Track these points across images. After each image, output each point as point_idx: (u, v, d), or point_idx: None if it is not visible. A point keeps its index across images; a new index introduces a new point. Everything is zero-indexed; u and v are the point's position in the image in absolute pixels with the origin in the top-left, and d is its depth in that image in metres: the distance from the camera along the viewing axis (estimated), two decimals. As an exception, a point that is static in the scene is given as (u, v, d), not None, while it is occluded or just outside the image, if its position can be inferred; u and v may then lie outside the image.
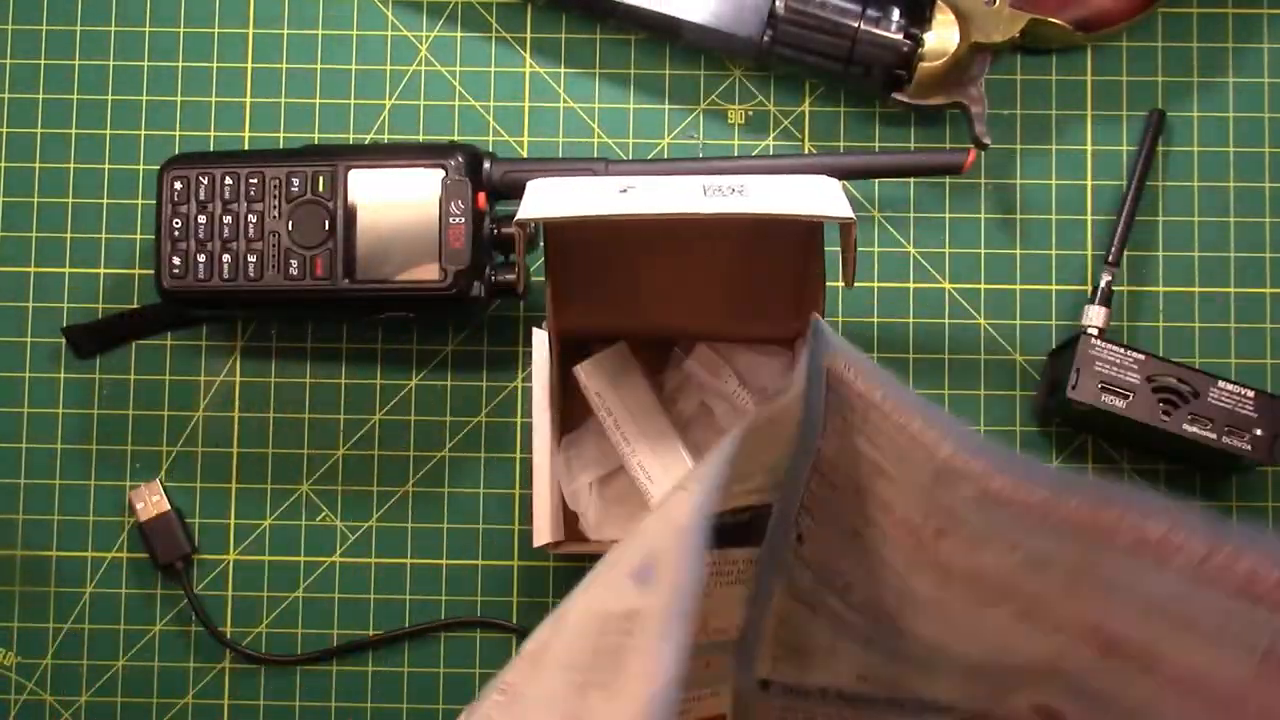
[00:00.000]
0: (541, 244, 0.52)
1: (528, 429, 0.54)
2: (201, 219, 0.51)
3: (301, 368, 0.55)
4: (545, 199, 0.42)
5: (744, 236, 0.47)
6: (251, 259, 0.50)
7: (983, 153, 0.54)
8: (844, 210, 0.40)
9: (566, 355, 0.51)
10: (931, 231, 0.55)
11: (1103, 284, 0.53)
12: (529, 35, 0.56)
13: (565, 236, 0.46)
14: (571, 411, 0.53)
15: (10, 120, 0.56)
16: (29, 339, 0.55)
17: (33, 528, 0.55)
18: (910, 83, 0.52)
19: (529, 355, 0.55)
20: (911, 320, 0.55)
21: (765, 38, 0.53)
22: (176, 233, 0.51)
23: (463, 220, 0.50)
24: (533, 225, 0.43)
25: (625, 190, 0.42)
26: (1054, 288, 0.55)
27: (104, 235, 0.56)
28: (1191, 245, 0.55)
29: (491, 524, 0.54)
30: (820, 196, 0.41)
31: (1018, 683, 0.37)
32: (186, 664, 0.54)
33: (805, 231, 0.45)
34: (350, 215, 0.50)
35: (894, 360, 0.55)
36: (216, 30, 0.56)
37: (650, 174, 0.51)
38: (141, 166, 0.56)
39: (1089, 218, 0.55)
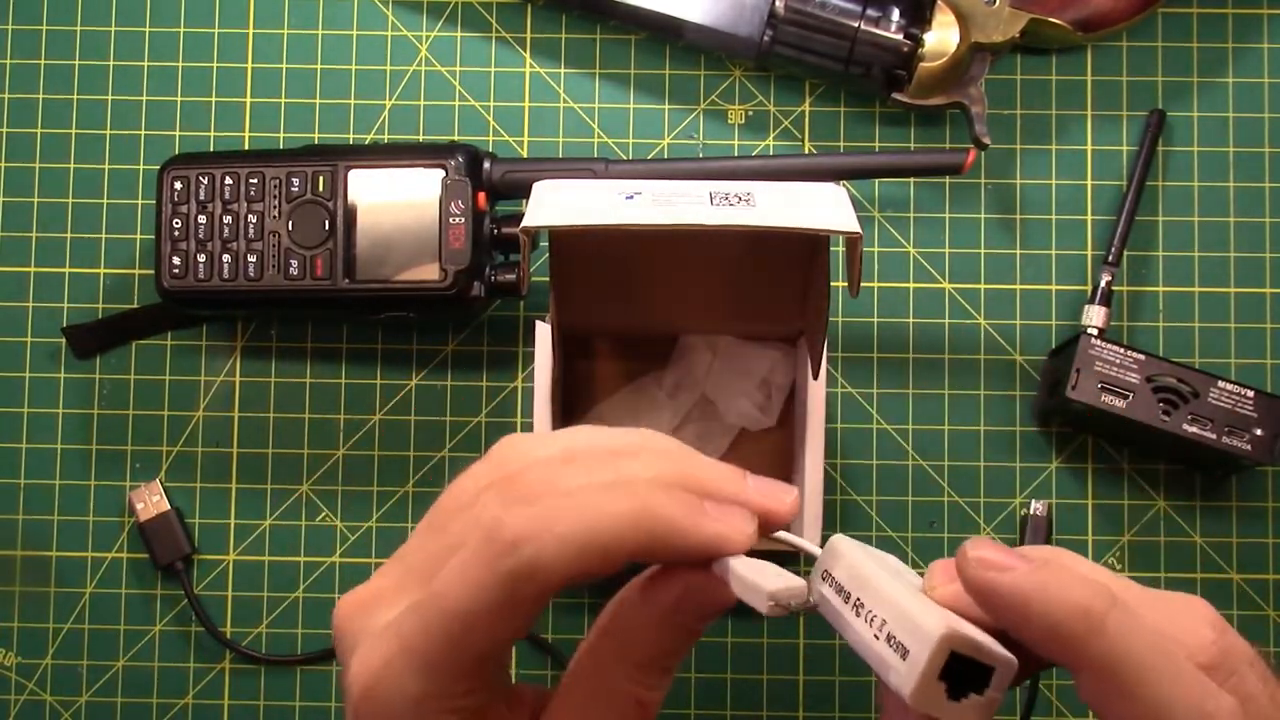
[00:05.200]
0: (544, 243, 0.52)
1: (528, 429, 0.54)
2: (201, 219, 0.51)
3: (301, 368, 0.55)
4: (551, 206, 0.42)
5: (749, 238, 0.47)
6: (251, 259, 0.50)
7: (983, 153, 0.54)
8: (851, 224, 0.40)
9: (568, 350, 0.51)
10: (931, 231, 0.55)
11: (1103, 284, 0.53)
12: (529, 35, 0.56)
13: (569, 237, 0.46)
14: (572, 406, 0.53)
15: (10, 120, 0.56)
16: (29, 339, 0.55)
17: (33, 528, 0.55)
18: (910, 83, 0.52)
19: (529, 355, 0.55)
20: (911, 320, 0.55)
21: (765, 38, 0.53)
22: (176, 233, 0.51)
23: (463, 220, 0.50)
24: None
25: (632, 196, 0.42)
26: (1054, 288, 0.55)
27: (104, 235, 0.56)
28: (1191, 245, 0.55)
29: (491, 524, 0.54)
30: (828, 208, 0.41)
31: None
32: (186, 664, 0.54)
33: (811, 236, 0.45)
34: (350, 215, 0.50)
35: (894, 360, 0.55)
36: (216, 30, 0.56)
37: (650, 174, 0.51)
38: (141, 166, 0.56)
39: (1089, 218, 0.55)
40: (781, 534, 0.33)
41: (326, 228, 0.50)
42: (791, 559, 0.54)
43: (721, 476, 0.31)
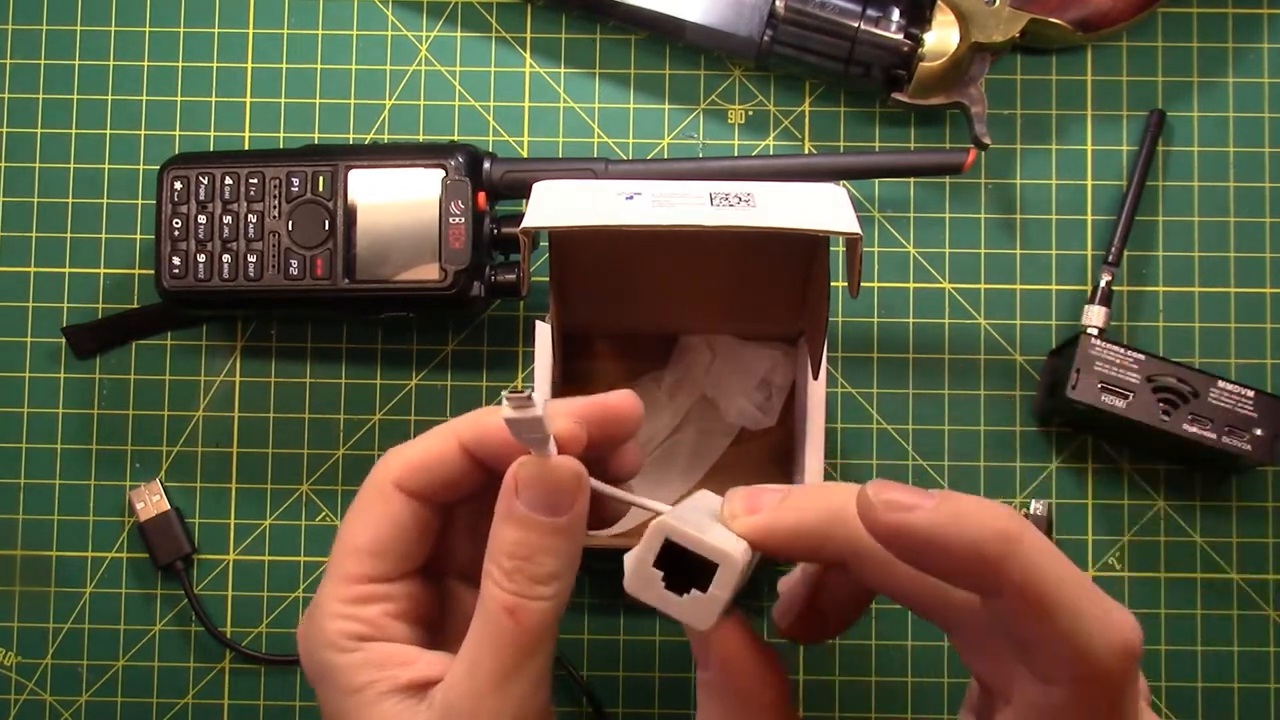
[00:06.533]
0: (544, 243, 0.52)
1: (528, 429, 0.54)
2: (201, 219, 0.51)
3: (301, 368, 0.55)
4: (551, 206, 0.42)
5: (749, 239, 0.47)
6: (251, 259, 0.50)
7: (983, 153, 0.54)
8: (851, 225, 0.40)
9: (568, 350, 0.52)
10: (931, 231, 0.55)
11: (1103, 284, 0.53)
12: (529, 35, 0.56)
13: (569, 237, 0.46)
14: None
15: (10, 120, 0.56)
16: (29, 339, 0.55)
17: (33, 528, 0.55)
18: (910, 83, 0.52)
19: (529, 355, 0.55)
20: (911, 320, 0.55)
21: (765, 38, 0.53)
22: (176, 233, 0.51)
23: (463, 220, 0.50)
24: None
25: (632, 197, 0.42)
26: (1054, 288, 0.55)
27: (104, 235, 0.56)
28: (1191, 245, 0.55)
29: (491, 524, 0.54)
30: (828, 209, 0.41)
31: None
32: (186, 664, 0.54)
33: (811, 237, 0.45)
34: (350, 215, 0.50)
35: (894, 360, 0.55)
36: (216, 30, 0.56)
37: (650, 174, 0.51)
38: (141, 166, 0.56)
39: (1089, 218, 0.55)
40: (644, 501, 0.35)
41: (326, 228, 0.50)
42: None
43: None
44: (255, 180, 0.51)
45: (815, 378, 0.46)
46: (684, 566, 0.30)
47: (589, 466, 0.34)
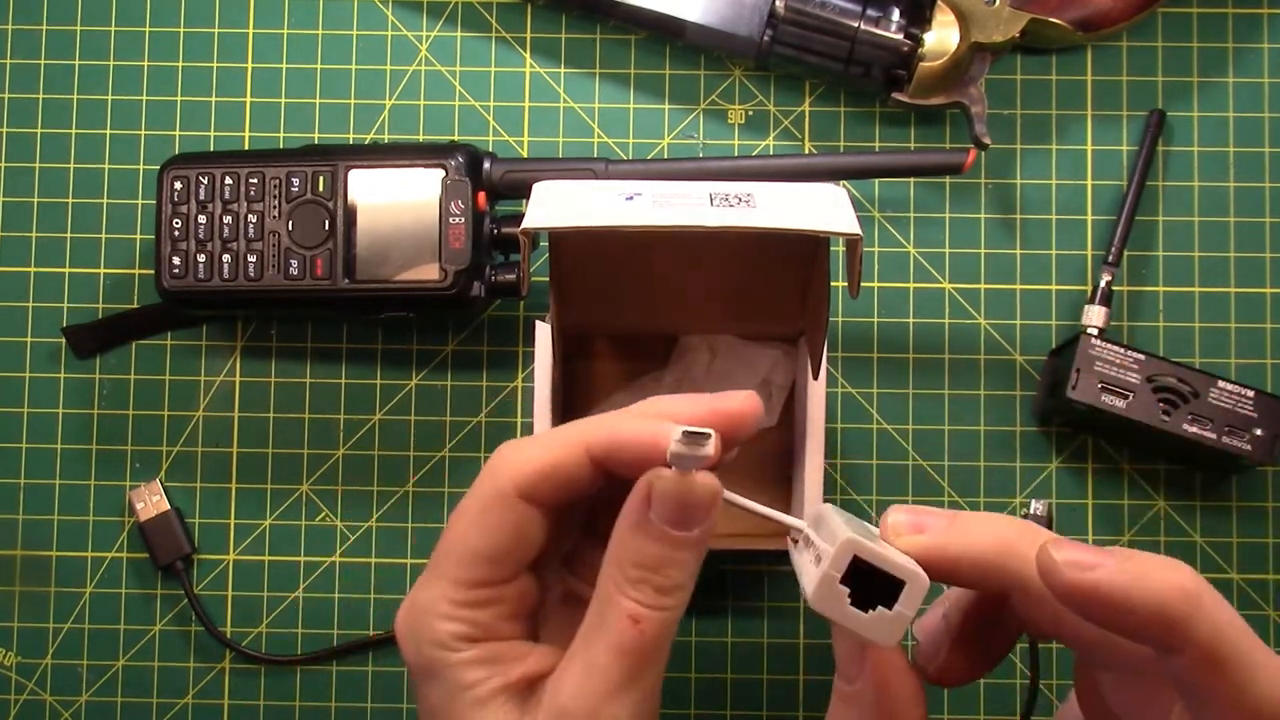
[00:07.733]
0: (544, 243, 0.52)
1: (528, 429, 0.54)
2: (201, 219, 0.51)
3: (301, 368, 0.55)
4: (551, 206, 0.42)
5: (749, 239, 0.47)
6: (251, 259, 0.50)
7: (983, 153, 0.54)
8: (851, 225, 0.40)
9: (568, 350, 0.52)
10: (931, 231, 0.55)
11: (1103, 284, 0.53)
12: (529, 35, 0.56)
13: (569, 237, 0.46)
14: (572, 406, 0.53)
15: (10, 120, 0.56)
16: (29, 339, 0.55)
17: (33, 528, 0.55)
18: (910, 83, 0.52)
19: (529, 355, 0.55)
20: (911, 320, 0.55)
21: (765, 38, 0.53)
22: (176, 233, 0.51)
23: (463, 220, 0.50)
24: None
25: (632, 197, 0.42)
26: (1054, 288, 0.55)
27: (104, 235, 0.56)
28: (1191, 245, 0.55)
29: (491, 524, 0.54)
30: (828, 209, 0.41)
31: None
32: (186, 664, 0.54)
33: (812, 237, 0.45)
34: (350, 215, 0.50)
35: (894, 360, 0.55)
36: (216, 30, 0.56)
37: (650, 174, 0.51)
38: (141, 166, 0.56)
39: (1089, 218, 0.55)
40: (774, 513, 0.34)
41: (326, 228, 0.50)
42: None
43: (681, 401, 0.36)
44: (255, 180, 0.51)
45: (815, 378, 0.46)
46: (863, 584, 0.30)
47: None
